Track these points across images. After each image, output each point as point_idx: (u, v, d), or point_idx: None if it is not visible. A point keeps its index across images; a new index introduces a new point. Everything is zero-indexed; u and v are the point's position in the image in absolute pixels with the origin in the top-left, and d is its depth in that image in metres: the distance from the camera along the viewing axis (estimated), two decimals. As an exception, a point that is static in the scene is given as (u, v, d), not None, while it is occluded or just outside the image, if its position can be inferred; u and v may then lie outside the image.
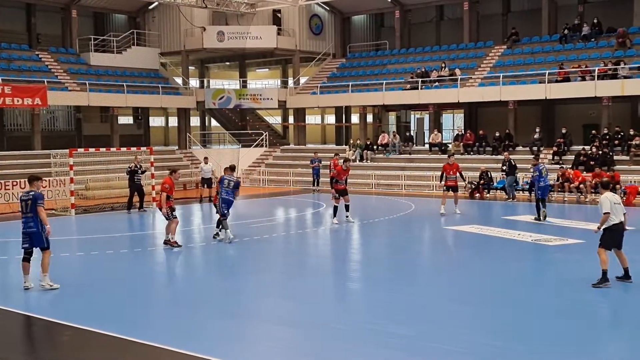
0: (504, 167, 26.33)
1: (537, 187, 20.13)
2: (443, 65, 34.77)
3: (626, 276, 11.62)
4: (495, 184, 27.46)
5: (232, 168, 17.09)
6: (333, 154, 30.15)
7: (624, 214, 11.58)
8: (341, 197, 19.64)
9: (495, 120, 33.94)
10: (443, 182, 22.23)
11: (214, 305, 10.90)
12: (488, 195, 27.14)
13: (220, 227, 16.87)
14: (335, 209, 19.78)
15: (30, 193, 11.67)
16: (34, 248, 11.80)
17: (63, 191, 25.48)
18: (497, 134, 31.33)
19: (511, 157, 26.78)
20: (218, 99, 39.30)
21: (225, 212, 16.62)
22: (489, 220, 21.21)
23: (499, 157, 28.61)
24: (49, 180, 26.88)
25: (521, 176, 27.47)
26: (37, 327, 10.01)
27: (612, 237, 11.43)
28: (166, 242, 15.86)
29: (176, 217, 15.94)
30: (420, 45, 39.63)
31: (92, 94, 34.27)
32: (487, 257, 14.83)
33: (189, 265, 15.06)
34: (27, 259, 11.81)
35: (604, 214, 11.37)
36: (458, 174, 22.14)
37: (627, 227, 11.79)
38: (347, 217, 19.85)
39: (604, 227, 11.48)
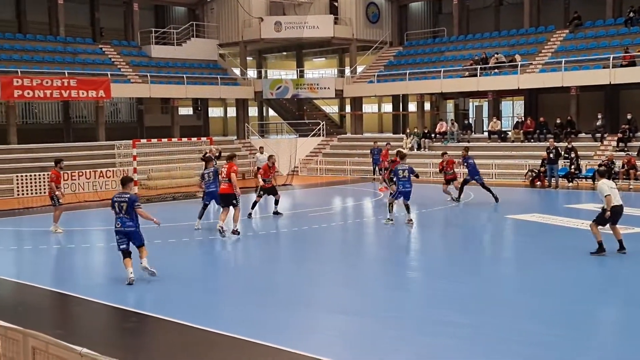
0: (551, 155, 25.69)
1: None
2: (497, 54, 34.20)
3: (621, 247, 12.88)
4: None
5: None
6: (385, 143, 29.89)
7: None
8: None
9: (557, 106, 33.28)
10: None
11: (273, 293, 11.06)
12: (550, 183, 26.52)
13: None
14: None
15: (125, 195, 11.71)
16: (129, 245, 11.75)
17: (127, 181, 26.08)
18: (559, 121, 30.73)
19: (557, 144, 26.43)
20: (275, 89, 39.60)
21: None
22: (551, 208, 20.87)
23: (561, 144, 28.07)
24: (113, 170, 27.64)
25: (584, 164, 26.94)
26: (104, 313, 10.34)
27: (610, 216, 12.62)
28: (235, 232, 16.11)
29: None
30: (479, 32, 39.08)
31: (153, 85, 34.98)
32: (548, 247, 14.62)
33: (249, 254, 15.31)
34: (127, 255, 11.74)
35: (606, 196, 12.54)
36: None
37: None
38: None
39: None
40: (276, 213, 19.59)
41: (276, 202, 19.65)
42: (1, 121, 33.64)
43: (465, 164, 22.22)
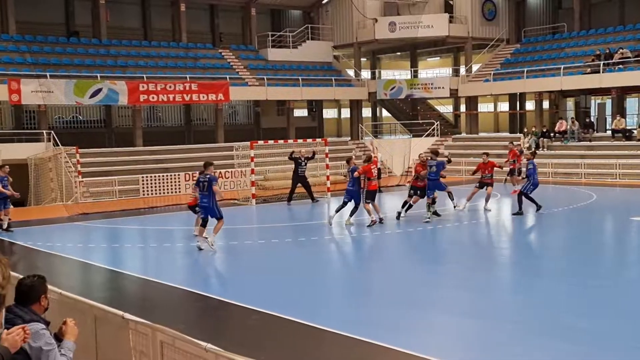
0: None
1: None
2: (621, 48, 32.66)
3: None
4: None
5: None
6: (509, 143, 29.05)
7: None
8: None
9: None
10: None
11: (392, 294, 11.09)
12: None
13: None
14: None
15: (207, 175, 14.14)
16: (208, 218, 14.40)
17: (244, 182, 26.83)
18: (690, 118, 29.03)
19: None
20: (389, 90, 39.56)
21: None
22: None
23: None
24: (232, 171, 28.48)
25: None
26: (224, 310, 10.71)
27: None
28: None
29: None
30: (601, 26, 37.46)
31: (269, 88, 35.77)
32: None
33: (365, 254, 15.41)
34: (204, 224, 14.48)
35: None
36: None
37: None
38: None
39: None
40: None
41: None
42: (128, 124, 35.43)
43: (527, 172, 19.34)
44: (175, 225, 18.61)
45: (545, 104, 39.07)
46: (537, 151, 24.09)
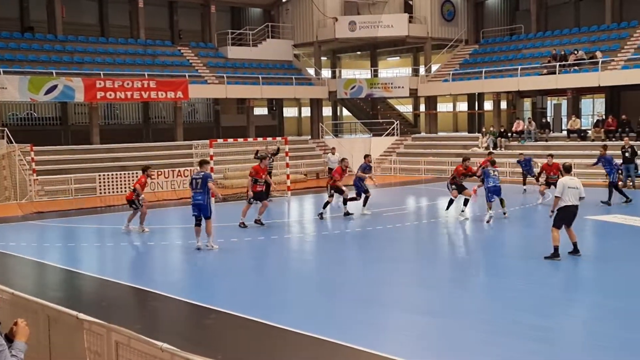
0: (626, 154, 24.76)
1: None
2: (576, 50, 33.27)
3: (575, 250, 12.94)
4: None
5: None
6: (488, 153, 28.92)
7: (581, 197, 12.80)
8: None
9: (640, 104, 32.14)
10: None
11: (351, 292, 11.08)
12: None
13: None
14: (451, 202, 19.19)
15: (201, 173, 14.35)
16: (201, 216, 14.37)
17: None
18: (643, 119, 29.67)
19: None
20: (350, 89, 39.64)
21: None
22: (634, 209, 20.16)
23: (644, 143, 27.08)
24: (191, 170, 28.19)
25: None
26: (183, 309, 10.58)
27: (563, 218, 12.72)
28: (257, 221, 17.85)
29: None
30: (557, 28, 38.10)
31: (229, 86, 35.54)
32: (629, 248, 14.15)
33: (323, 253, 15.38)
34: (198, 224, 14.49)
35: (555, 197, 12.84)
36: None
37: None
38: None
39: (557, 208, 12.75)
40: (347, 214, 19.52)
41: (345, 202, 19.64)
42: (84, 122, 34.86)
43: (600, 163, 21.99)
44: (132, 224, 18.32)
45: (503, 104, 39.60)
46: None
